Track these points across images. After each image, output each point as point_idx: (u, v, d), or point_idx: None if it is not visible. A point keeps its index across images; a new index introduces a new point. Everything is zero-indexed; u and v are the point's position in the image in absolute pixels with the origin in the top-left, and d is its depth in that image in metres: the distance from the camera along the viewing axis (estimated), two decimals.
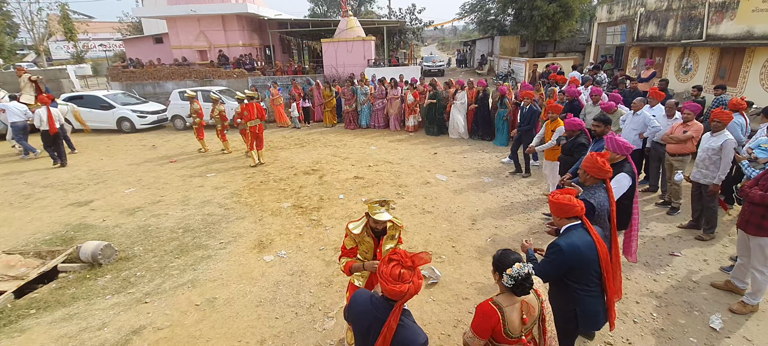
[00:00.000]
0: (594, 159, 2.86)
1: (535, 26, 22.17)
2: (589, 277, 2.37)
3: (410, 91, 10.79)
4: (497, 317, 1.96)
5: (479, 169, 7.74)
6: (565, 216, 2.41)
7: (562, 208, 2.38)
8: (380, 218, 2.47)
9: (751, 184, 3.46)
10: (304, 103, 12.61)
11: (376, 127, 11.78)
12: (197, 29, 19.18)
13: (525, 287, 1.95)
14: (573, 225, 2.40)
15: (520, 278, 1.91)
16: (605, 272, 2.38)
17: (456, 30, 76.72)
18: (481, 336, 2.01)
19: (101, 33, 37.54)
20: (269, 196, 6.74)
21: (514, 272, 1.91)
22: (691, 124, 5.03)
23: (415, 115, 10.91)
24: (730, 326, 3.38)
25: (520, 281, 1.92)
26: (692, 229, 4.98)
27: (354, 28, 17.77)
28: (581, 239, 2.33)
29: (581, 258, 2.30)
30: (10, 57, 26.42)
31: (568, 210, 2.37)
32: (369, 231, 2.69)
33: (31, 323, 3.77)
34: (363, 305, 1.84)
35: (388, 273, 1.68)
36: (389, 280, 1.67)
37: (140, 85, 16.24)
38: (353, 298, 1.93)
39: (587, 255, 2.32)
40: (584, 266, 2.33)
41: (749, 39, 9.72)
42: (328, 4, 35.61)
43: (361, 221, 2.73)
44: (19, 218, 6.22)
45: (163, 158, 9.49)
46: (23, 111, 9.49)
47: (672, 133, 5.20)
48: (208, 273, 4.46)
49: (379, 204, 2.53)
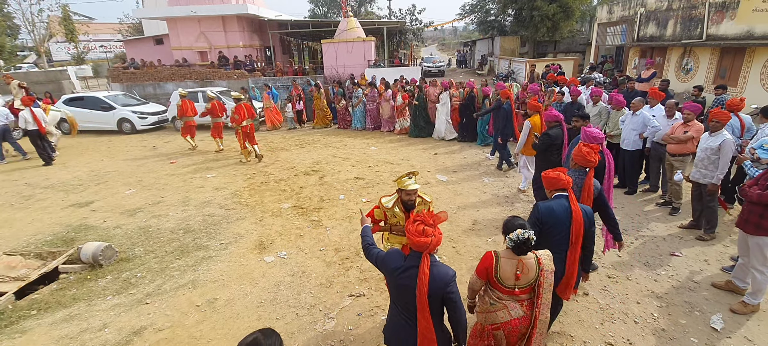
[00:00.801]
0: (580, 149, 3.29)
1: (535, 27, 22.17)
2: (558, 240, 2.76)
3: (399, 93, 10.80)
4: (492, 261, 2.37)
5: (480, 171, 7.74)
6: (554, 188, 2.88)
7: (551, 181, 2.87)
8: (410, 187, 2.86)
9: (752, 183, 3.46)
10: (299, 106, 12.65)
11: (368, 130, 11.81)
12: (197, 30, 19.20)
13: (523, 249, 2.31)
14: (558, 195, 2.86)
15: (519, 241, 2.29)
16: (573, 238, 2.75)
17: (456, 31, 76.76)
18: (479, 276, 2.45)
19: (102, 34, 37.62)
20: (270, 196, 6.74)
21: (515, 235, 2.29)
22: (691, 125, 5.03)
23: (403, 117, 10.90)
24: (731, 326, 3.37)
25: (519, 243, 2.29)
26: (693, 229, 4.98)
27: (354, 28, 17.78)
28: (560, 205, 2.79)
29: (555, 219, 2.76)
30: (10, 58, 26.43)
31: (556, 182, 2.84)
32: (400, 205, 3.02)
33: (32, 324, 3.77)
34: (397, 259, 2.21)
35: (414, 231, 2.05)
36: (415, 235, 2.04)
37: (141, 86, 16.25)
38: (386, 256, 2.27)
39: (561, 217, 2.75)
40: (555, 227, 2.76)
41: (750, 39, 9.72)
42: (328, 4, 35.63)
43: (393, 196, 3.09)
44: (19, 219, 6.23)
45: (164, 159, 9.50)
46: (5, 114, 9.61)
47: (673, 133, 5.21)
48: (208, 274, 4.46)
49: (407, 176, 2.90)
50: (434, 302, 2.10)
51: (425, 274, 2.03)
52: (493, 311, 2.41)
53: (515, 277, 2.35)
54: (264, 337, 1.58)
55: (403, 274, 2.14)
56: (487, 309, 2.45)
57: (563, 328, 3.42)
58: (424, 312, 2.07)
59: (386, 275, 2.32)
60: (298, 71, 17.74)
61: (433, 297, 2.08)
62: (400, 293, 2.20)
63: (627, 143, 5.91)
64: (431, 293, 2.06)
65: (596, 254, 4.44)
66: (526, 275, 2.35)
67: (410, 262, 2.12)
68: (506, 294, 2.40)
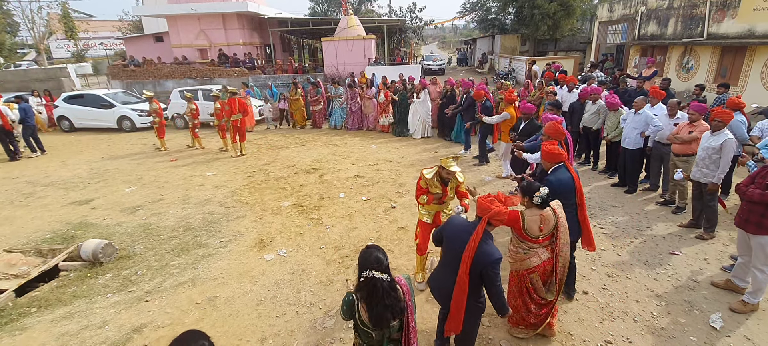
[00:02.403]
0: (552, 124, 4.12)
1: (535, 25, 22.11)
2: (568, 205, 3.23)
3: (382, 91, 10.90)
4: (519, 216, 2.89)
5: (480, 169, 7.74)
6: (554, 161, 3.42)
7: (553, 155, 3.40)
8: (451, 168, 3.46)
9: (747, 182, 3.44)
10: (281, 105, 12.60)
11: (350, 129, 11.65)
12: (197, 28, 19.17)
13: (544, 204, 2.87)
14: (557, 166, 3.41)
15: (545, 197, 2.85)
16: (579, 200, 3.33)
17: (456, 29, 76.59)
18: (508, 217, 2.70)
19: (102, 32, 37.51)
20: (270, 194, 6.74)
21: (542, 193, 2.84)
22: (697, 125, 4.96)
23: (387, 114, 10.99)
24: (730, 325, 3.38)
25: (544, 199, 2.85)
26: (692, 228, 4.98)
27: (354, 26, 17.76)
28: (564, 175, 3.35)
29: (564, 188, 3.29)
30: (10, 56, 26.41)
31: (558, 156, 3.39)
32: (439, 178, 3.61)
33: (33, 321, 3.78)
34: (457, 225, 2.61)
35: (483, 198, 2.51)
36: (485, 201, 2.47)
37: (140, 83, 16.24)
38: (448, 222, 2.73)
39: (569, 185, 3.31)
40: (563, 194, 3.25)
41: (750, 38, 9.71)
42: (328, 2, 35.54)
43: (433, 169, 3.68)
44: (20, 217, 6.24)
45: (164, 157, 9.50)
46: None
47: (678, 133, 5.17)
48: (208, 272, 4.47)
49: (452, 159, 3.51)
50: (475, 270, 2.41)
51: (477, 237, 2.38)
52: (526, 258, 2.96)
53: (539, 229, 2.90)
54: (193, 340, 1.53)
55: (459, 233, 2.51)
56: (521, 258, 2.98)
57: (563, 326, 3.42)
58: (464, 275, 2.40)
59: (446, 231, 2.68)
60: (298, 69, 17.72)
61: (476, 266, 2.40)
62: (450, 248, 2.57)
63: (628, 142, 5.90)
64: (475, 261, 2.39)
65: (597, 253, 4.45)
66: (547, 225, 2.93)
67: (470, 227, 2.49)
68: (534, 243, 2.94)
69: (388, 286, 1.95)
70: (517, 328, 3.27)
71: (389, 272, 1.99)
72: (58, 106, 13.06)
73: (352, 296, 2.04)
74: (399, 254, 4.72)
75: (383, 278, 1.93)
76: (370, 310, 1.97)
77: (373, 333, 2.04)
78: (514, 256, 3.04)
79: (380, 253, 2.00)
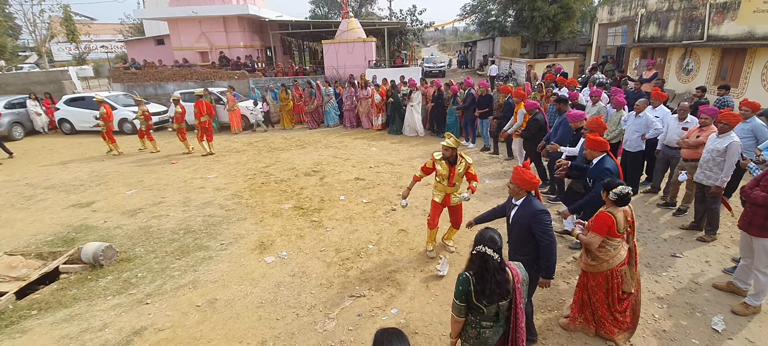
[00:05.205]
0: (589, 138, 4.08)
1: (535, 27, 22.15)
2: None
3: (376, 91, 11.32)
4: (612, 219, 2.91)
5: (481, 172, 7.73)
6: (598, 150, 3.74)
7: (598, 144, 3.73)
8: (443, 142, 4.08)
9: (752, 184, 3.43)
10: (265, 108, 12.80)
11: (347, 127, 12.25)
12: (198, 31, 19.23)
13: (625, 201, 2.90)
14: (602, 156, 3.73)
15: (621, 194, 2.85)
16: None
17: (457, 31, 76.68)
18: (599, 233, 2.95)
19: (103, 35, 37.62)
20: (270, 197, 6.74)
21: (618, 190, 2.85)
22: (706, 129, 4.84)
23: (382, 113, 11.51)
24: (732, 327, 3.36)
25: (621, 196, 2.86)
26: (694, 230, 4.96)
27: (355, 29, 17.80)
28: (610, 163, 3.69)
29: (616, 173, 3.61)
30: (12, 59, 26.49)
31: (603, 145, 3.72)
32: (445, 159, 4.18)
33: (33, 323, 3.77)
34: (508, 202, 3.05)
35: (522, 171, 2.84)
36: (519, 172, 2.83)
37: (141, 86, 16.26)
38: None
39: (616, 172, 3.63)
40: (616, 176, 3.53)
41: (750, 40, 9.71)
42: (329, 5, 35.68)
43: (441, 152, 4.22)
44: (20, 219, 6.24)
45: (164, 160, 9.50)
46: None
47: (687, 137, 5.05)
48: (209, 274, 4.46)
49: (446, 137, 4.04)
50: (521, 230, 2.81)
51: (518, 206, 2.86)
52: (616, 254, 3.03)
53: (627, 221, 3.00)
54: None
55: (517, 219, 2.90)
56: (612, 255, 3.03)
57: (564, 327, 3.41)
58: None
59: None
60: (298, 71, 17.75)
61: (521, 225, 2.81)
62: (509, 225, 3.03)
63: (629, 145, 5.88)
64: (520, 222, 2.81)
65: None
66: (628, 220, 3.03)
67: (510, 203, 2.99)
68: (620, 238, 3.03)
69: (498, 265, 2.10)
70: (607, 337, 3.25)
71: (501, 253, 2.13)
72: (59, 108, 13.10)
73: (466, 273, 2.20)
74: (400, 256, 4.71)
75: (494, 256, 2.09)
76: (481, 286, 2.13)
77: (486, 309, 2.16)
78: (605, 255, 3.05)
79: (496, 234, 2.16)
